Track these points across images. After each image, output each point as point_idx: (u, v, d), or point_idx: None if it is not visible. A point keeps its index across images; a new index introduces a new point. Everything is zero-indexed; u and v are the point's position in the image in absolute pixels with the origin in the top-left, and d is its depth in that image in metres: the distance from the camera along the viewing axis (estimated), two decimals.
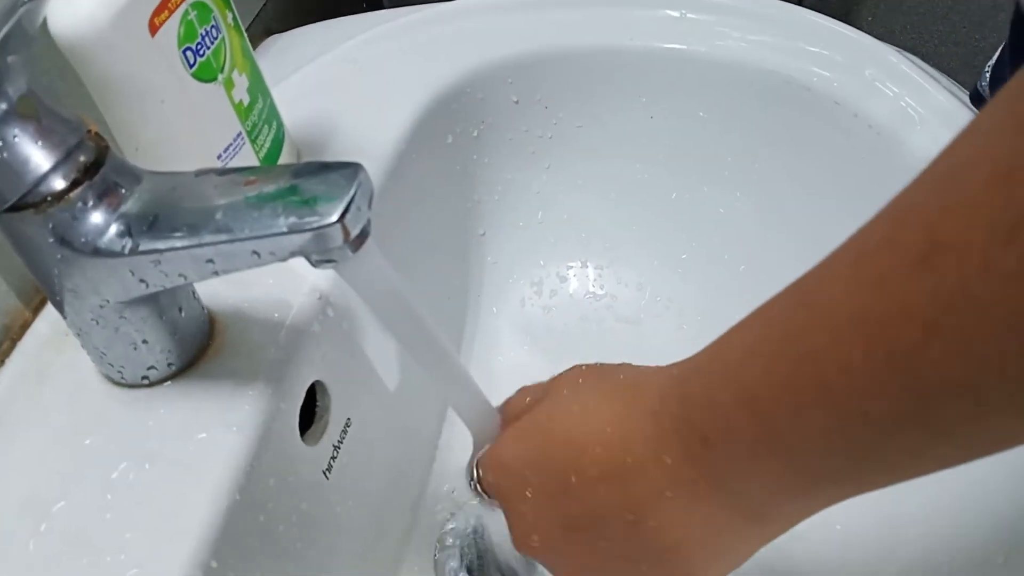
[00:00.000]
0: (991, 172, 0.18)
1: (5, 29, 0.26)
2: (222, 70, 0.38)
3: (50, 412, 0.36)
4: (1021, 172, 0.18)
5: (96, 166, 0.30)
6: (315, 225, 0.28)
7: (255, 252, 0.29)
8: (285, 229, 0.28)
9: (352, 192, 0.28)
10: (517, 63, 0.53)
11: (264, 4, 0.65)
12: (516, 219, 0.56)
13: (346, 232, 0.28)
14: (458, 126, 0.53)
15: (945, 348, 0.19)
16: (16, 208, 0.30)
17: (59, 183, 0.30)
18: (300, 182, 0.29)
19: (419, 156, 0.49)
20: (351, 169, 0.29)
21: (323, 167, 0.30)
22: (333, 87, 0.52)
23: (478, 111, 0.53)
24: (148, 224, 0.30)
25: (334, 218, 0.28)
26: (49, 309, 0.41)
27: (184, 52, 0.36)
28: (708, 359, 0.27)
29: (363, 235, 0.29)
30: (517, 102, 0.54)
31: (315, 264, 0.30)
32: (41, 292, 0.41)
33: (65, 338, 0.39)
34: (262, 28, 0.62)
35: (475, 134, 0.53)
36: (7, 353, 0.39)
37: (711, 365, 0.27)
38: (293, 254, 0.29)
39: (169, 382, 0.36)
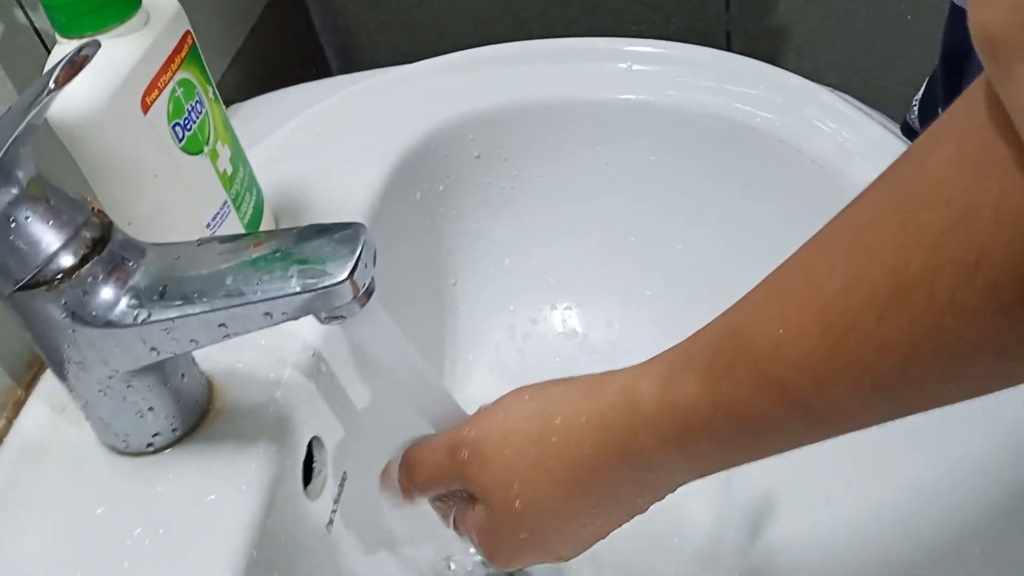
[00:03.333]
0: (948, 210, 0.20)
1: (22, 126, 0.27)
2: (207, 142, 0.40)
3: (58, 487, 0.36)
4: (978, 209, 0.19)
5: (103, 242, 0.32)
6: (326, 284, 0.29)
7: (267, 313, 0.30)
8: (298, 289, 0.30)
9: (359, 250, 0.30)
10: (477, 120, 0.55)
11: (222, 76, 0.66)
12: (485, 267, 0.58)
13: (355, 288, 0.30)
14: (425, 183, 0.55)
15: (923, 370, 0.22)
16: (28, 287, 0.31)
17: (69, 260, 0.31)
18: (305, 244, 0.31)
19: (391, 214, 0.51)
20: (354, 229, 0.31)
21: (324, 228, 0.32)
22: (302, 152, 0.54)
23: (443, 167, 0.55)
24: (159, 294, 0.31)
25: (344, 276, 0.29)
26: (43, 386, 0.41)
27: (173, 127, 0.37)
28: (661, 417, 0.29)
29: (369, 291, 0.31)
30: (479, 156, 0.56)
31: (324, 321, 0.31)
32: (33, 369, 0.41)
33: (62, 413, 0.39)
34: (223, 98, 0.64)
35: (441, 189, 0.56)
36: (4, 432, 0.39)
37: (667, 425, 0.29)
38: (304, 313, 0.31)
39: (173, 448, 0.37)
